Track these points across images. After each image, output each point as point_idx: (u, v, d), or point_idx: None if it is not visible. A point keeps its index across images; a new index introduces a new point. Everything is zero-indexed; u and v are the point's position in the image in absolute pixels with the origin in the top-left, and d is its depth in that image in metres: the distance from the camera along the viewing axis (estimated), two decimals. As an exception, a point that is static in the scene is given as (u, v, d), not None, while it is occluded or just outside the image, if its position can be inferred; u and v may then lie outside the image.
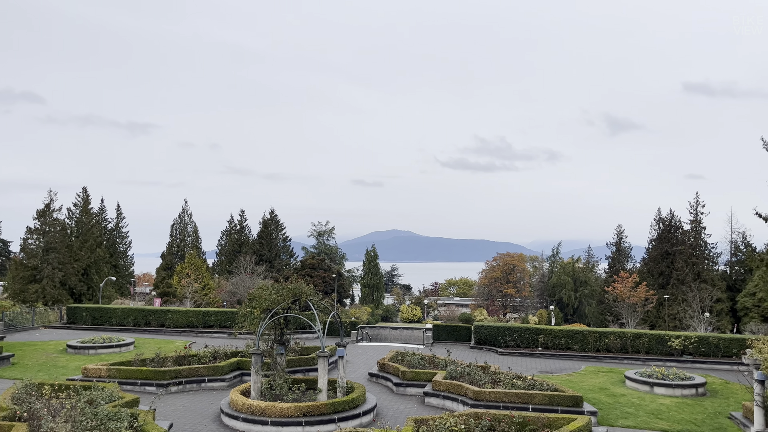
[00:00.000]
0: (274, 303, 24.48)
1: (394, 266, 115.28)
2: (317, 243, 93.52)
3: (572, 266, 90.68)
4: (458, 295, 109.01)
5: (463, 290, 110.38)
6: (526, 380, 26.09)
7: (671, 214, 75.39)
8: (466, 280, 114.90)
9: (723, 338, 39.23)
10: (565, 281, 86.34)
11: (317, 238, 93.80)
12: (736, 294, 66.81)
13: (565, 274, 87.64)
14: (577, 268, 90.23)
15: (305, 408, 21.49)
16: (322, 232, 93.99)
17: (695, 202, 72.34)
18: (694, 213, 72.18)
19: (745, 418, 23.48)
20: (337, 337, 45.12)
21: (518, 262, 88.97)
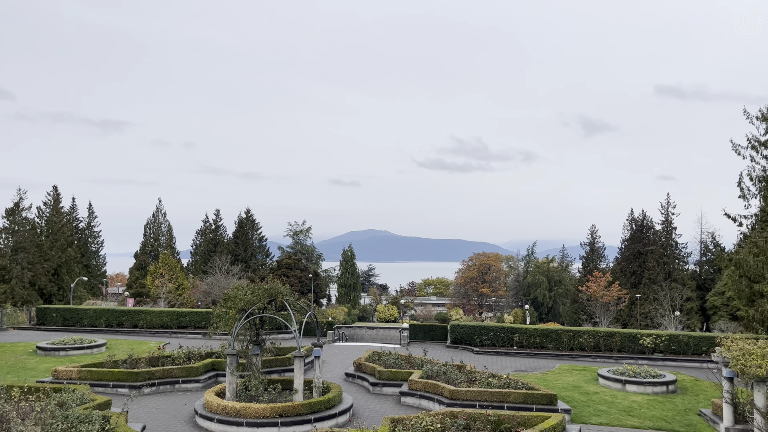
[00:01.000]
0: (249, 303, 24.30)
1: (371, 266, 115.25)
2: (294, 243, 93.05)
3: (547, 266, 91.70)
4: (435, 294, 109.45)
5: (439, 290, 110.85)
6: (501, 379, 26.32)
7: (643, 215, 76.77)
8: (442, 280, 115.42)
9: (693, 336, 40.02)
10: (540, 281, 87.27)
11: (294, 238, 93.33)
12: (705, 293, 68.25)
13: (540, 274, 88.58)
14: (552, 268, 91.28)
15: (281, 408, 21.37)
16: (298, 232, 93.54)
17: (666, 203, 73.74)
18: (665, 213, 73.56)
19: (715, 414, 23.99)
20: (313, 338, 45.00)
21: (494, 261, 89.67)
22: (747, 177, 42.19)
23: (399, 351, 36.66)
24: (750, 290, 39.91)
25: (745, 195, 42.24)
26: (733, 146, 42.46)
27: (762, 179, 41.76)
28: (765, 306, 37.09)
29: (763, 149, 41.52)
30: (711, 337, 39.34)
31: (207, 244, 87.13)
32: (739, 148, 42.28)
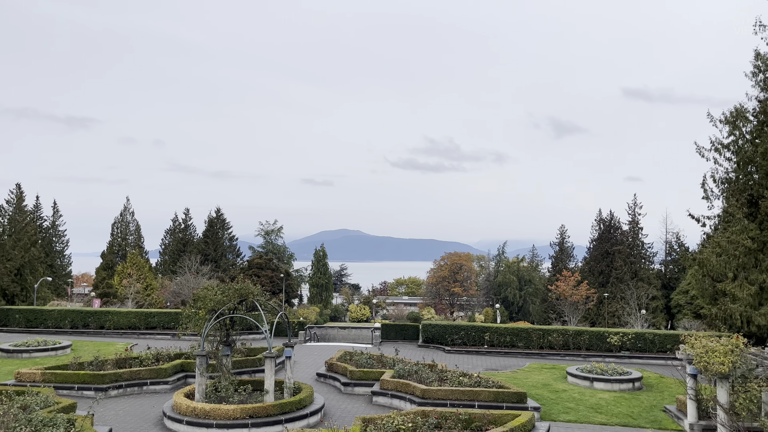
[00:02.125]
0: (219, 303, 24.03)
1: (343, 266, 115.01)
2: (265, 242, 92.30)
3: (517, 265, 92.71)
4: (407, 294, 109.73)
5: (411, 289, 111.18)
6: (472, 378, 26.53)
7: (611, 215, 78.20)
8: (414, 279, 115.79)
9: (658, 334, 40.92)
10: (511, 280, 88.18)
11: (265, 238, 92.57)
12: (670, 292, 69.86)
13: (511, 273, 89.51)
14: (522, 268, 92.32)
15: (251, 410, 21.18)
16: (269, 232, 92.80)
17: (633, 204, 75.24)
18: (632, 214, 75.05)
19: (679, 410, 24.57)
20: (284, 338, 44.71)
21: (465, 261, 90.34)
22: (710, 179, 43.28)
23: (371, 350, 36.66)
24: (713, 289, 40.97)
25: (709, 196, 43.32)
26: (698, 148, 43.51)
27: (725, 181, 42.89)
28: (727, 305, 38.10)
29: (725, 152, 42.63)
30: (675, 335, 40.26)
31: (176, 244, 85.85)
32: (703, 150, 43.34)
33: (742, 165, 41.58)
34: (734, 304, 37.54)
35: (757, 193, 39.63)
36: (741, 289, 37.25)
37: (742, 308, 36.96)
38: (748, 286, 37.02)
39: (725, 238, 39.52)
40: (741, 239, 37.95)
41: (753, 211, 39.79)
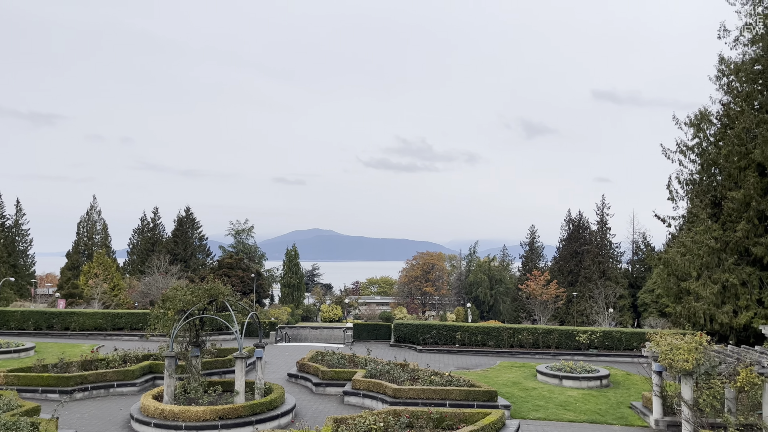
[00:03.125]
0: (189, 304, 23.70)
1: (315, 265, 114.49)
2: (235, 242, 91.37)
3: (488, 265, 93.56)
4: (379, 293, 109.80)
5: (383, 289, 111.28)
6: (443, 377, 26.67)
7: (580, 216, 79.50)
8: (386, 279, 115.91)
9: (625, 332, 41.71)
10: (482, 279, 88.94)
11: (236, 237, 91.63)
12: (637, 291, 71.32)
13: (482, 273, 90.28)
14: (493, 267, 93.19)
15: (221, 411, 20.94)
16: (240, 231, 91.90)
17: (602, 204, 76.62)
18: (600, 214, 76.42)
19: (645, 407, 25.08)
20: (255, 338, 44.32)
21: (437, 261, 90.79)
22: (676, 180, 44.31)
23: (343, 350, 36.56)
24: (678, 288, 41.95)
25: (674, 197, 44.36)
26: (664, 150, 44.51)
27: (689, 182, 43.95)
28: (691, 303, 39.03)
29: (690, 154, 43.69)
30: (642, 333, 41.08)
31: (144, 243, 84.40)
32: (668, 152, 44.34)
33: (706, 167, 42.66)
34: (698, 303, 38.48)
35: (720, 194, 40.69)
36: (704, 287, 38.19)
37: (706, 306, 37.91)
38: (712, 284, 37.97)
39: (689, 238, 40.48)
40: (705, 239, 38.91)
41: (716, 211, 40.86)
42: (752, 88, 39.84)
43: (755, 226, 37.15)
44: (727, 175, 39.68)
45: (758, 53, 39.35)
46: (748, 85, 39.99)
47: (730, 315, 37.00)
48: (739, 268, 37.80)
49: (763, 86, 39.73)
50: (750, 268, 37.71)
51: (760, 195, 36.54)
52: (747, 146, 37.74)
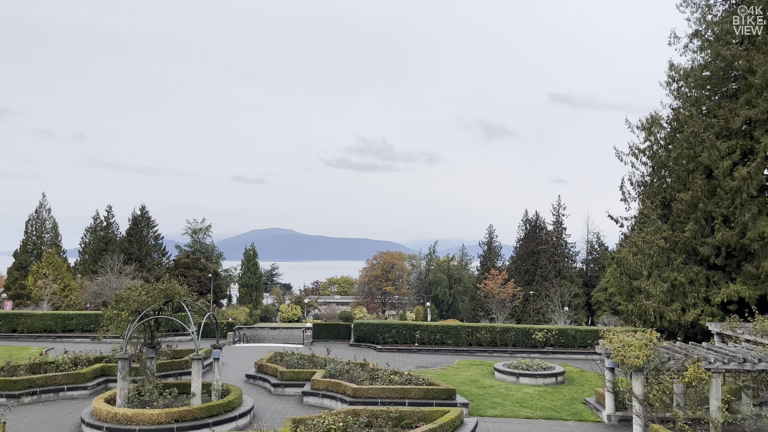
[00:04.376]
0: (143, 304, 23.14)
1: (274, 265, 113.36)
2: (192, 241, 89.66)
3: (447, 264, 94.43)
4: (339, 293, 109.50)
5: (344, 289, 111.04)
6: (403, 375, 26.79)
7: (537, 216, 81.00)
8: (347, 279, 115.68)
9: (579, 330, 42.72)
10: (441, 279, 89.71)
11: (192, 236, 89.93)
12: (591, 289, 73.12)
13: (441, 272, 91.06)
14: (452, 266, 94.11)
15: (177, 413, 20.52)
16: (197, 230, 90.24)
17: (558, 205, 78.26)
18: (556, 215, 78.05)
19: (598, 402, 25.74)
20: (212, 339, 43.63)
21: (397, 260, 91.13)
22: (628, 182, 45.64)
23: (302, 351, 36.34)
24: (629, 286, 43.21)
25: (626, 198, 45.68)
26: (617, 153, 45.77)
27: (641, 184, 45.33)
28: (642, 301, 40.26)
29: (642, 156, 45.07)
30: (595, 331, 42.13)
31: (97, 243, 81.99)
32: (621, 154, 45.63)
33: (657, 169, 44.08)
34: (648, 301, 39.72)
35: (670, 195, 42.10)
36: (654, 286, 39.45)
37: (656, 304, 39.16)
38: (661, 283, 39.25)
39: (641, 238, 41.74)
40: (655, 239, 40.20)
41: (666, 212, 42.26)
42: (700, 94, 41.35)
43: (702, 226, 38.57)
44: (677, 177, 41.09)
45: (706, 60, 40.86)
46: (697, 90, 41.49)
47: (679, 312, 38.32)
48: (687, 267, 39.18)
49: (711, 92, 41.27)
50: (697, 267, 39.13)
51: (706, 197, 37.95)
52: (695, 150, 39.14)
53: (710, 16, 41.41)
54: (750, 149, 37.70)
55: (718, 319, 35.66)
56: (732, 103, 38.56)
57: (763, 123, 36.91)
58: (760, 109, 35.86)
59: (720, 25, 39.31)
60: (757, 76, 35.90)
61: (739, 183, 35.69)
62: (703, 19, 41.46)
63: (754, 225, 34.99)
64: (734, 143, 37.75)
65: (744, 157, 38.08)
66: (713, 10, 41.68)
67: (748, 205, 35.64)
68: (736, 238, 36.11)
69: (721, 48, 38.49)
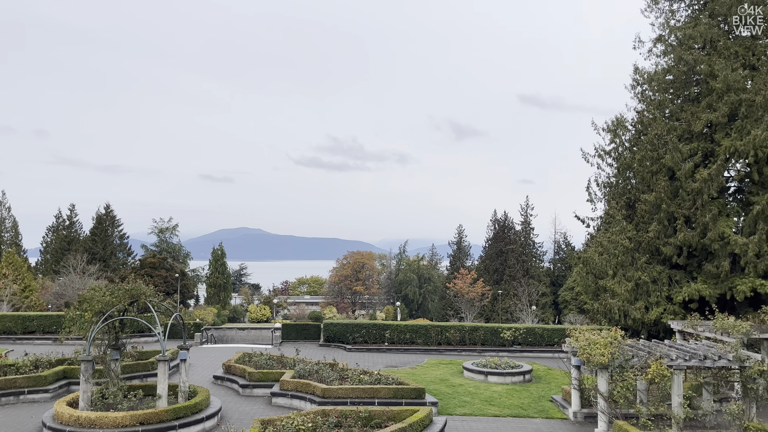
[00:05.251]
0: (108, 305, 22.64)
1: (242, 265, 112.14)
2: (159, 241, 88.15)
3: (417, 264, 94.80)
4: (309, 293, 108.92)
5: (313, 289, 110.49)
6: (372, 375, 26.79)
7: (505, 216, 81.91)
8: (316, 279, 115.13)
9: (547, 329, 43.34)
10: (411, 278, 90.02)
11: (159, 236, 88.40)
12: (558, 288, 74.27)
13: (411, 272, 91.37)
14: (422, 266, 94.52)
15: (142, 416, 20.14)
16: (164, 229, 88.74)
17: (526, 205, 79.26)
18: (524, 215, 79.03)
19: (564, 400, 26.14)
20: (179, 340, 43.03)
21: (367, 260, 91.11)
22: (594, 183, 46.50)
23: (271, 351, 36.05)
24: (595, 285, 44.00)
25: (593, 199, 46.53)
26: (583, 154, 46.58)
27: (607, 185, 46.21)
28: (607, 300, 41.03)
29: (607, 158, 45.95)
30: (562, 329, 42.81)
31: (60, 242, 79.98)
32: (588, 156, 46.45)
33: (622, 170, 44.99)
34: (613, 300, 40.51)
35: (635, 196, 43.01)
36: (619, 285, 40.25)
37: (620, 303, 39.96)
38: (626, 282, 40.08)
39: (606, 238, 42.54)
40: (620, 239, 41.01)
41: (630, 213, 43.16)
42: (664, 97, 42.34)
43: (665, 227, 39.51)
44: (641, 178, 41.99)
45: (669, 64, 41.87)
46: (660, 94, 42.48)
47: (642, 311, 39.17)
48: (651, 266, 40.08)
49: (674, 95, 42.31)
50: (660, 266, 40.08)
51: (669, 198, 38.89)
52: (659, 152, 40.07)
53: (673, 21, 42.46)
54: (711, 152, 38.77)
55: (680, 318, 36.56)
56: (694, 106, 39.58)
57: (723, 126, 38.00)
58: (720, 112, 36.90)
59: (683, 30, 40.33)
60: (718, 81, 36.93)
61: (700, 185, 36.66)
62: (666, 24, 42.48)
63: (714, 226, 35.98)
64: (696, 146, 38.76)
65: (705, 160, 39.14)
66: (676, 16, 42.74)
67: (708, 206, 36.64)
68: (697, 239, 37.08)
69: (684, 53, 39.48)
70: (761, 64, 37.42)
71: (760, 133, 34.65)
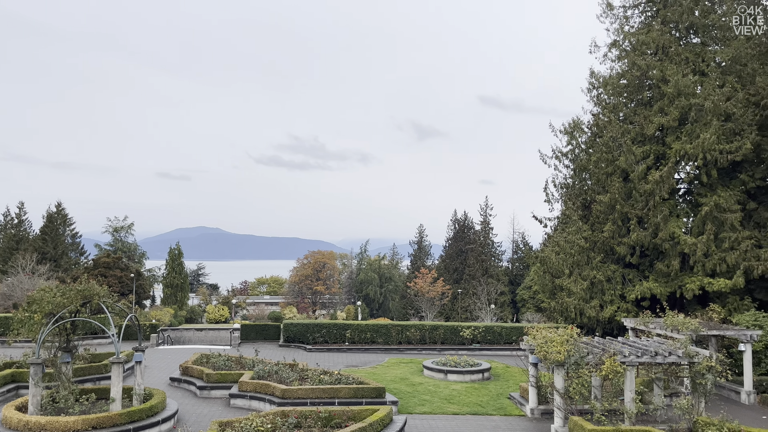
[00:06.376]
0: (59, 306, 21.92)
1: (200, 265, 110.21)
2: (113, 240, 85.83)
3: (378, 263, 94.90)
4: (268, 293, 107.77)
5: (273, 289, 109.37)
6: (333, 375, 26.69)
7: (465, 216, 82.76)
8: (276, 279, 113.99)
9: (505, 327, 43.98)
10: (372, 278, 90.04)
11: (113, 235, 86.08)
12: (516, 287, 75.46)
13: (372, 271, 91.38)
14: (383, 265, 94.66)
15: (95, 420, 19.56)
16: (119, 228, 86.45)
17: (485, 206, 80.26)
18: (484, 215, 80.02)
19: (522, 397, 26.58)
20: (135, 342, 42.10)
21: (328, 259, 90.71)
22: (551, 184, 47.45)
23: (230, 352, 35.55)
24: (552, 284, 44.89)
25: (550, 200, 47.47)
26: (541, 156, 47.47)
27: (563, 186, 47.21)
28: (564, 298, 41.91)
29: (564, 159, 46.97)
30: (520, 328, 43.52)
31: (8, 241, 77.03)
32: (545, 157, 47.36)
33: (578, 172, 46.05)
34: (570, 298, 41.41)
35: (590, 197, 44.06)
36: (575, 284, 41.17)
37: (576, 301, 40.88)
38: (581, 281, 41.02)
39: (563, 237, 43.45)
40: (576, 239, 41.95)
41: (586, 213, 44.20)
42: (618, 101, 43.53)
43: (619, 227, 40.61)
44: (596, 180, 43.06)
45: (624, 68, 43.05)
46: (615, 97, 43.65)
47: (597, 309, 40.17)
48: (605, 265, 41.14)
49: (628, 99, 43.53)
50: (614, 265, 41.17)
51: (623, 199, 39.98)
52: (613, 154, 41.16)
53: (627, 27, 43.68)
54: (662, 154, 40.04)
55: (633, 315, 37.65)
56: (647, 110, 40.80)
57: (674, 130, 39.29)
58: (671, 116, 38.14)
59: (636, 36, 41.53)
60: (670, 86, 38.17)
61: (652, 186, 37.81)
62: (621, 29, 43.67)
63: (665, 226, 37.17)
64: (648, 148, 39.97)
65: (657, 162, 40.39)
66: (630, 22, 43.98)
67: (660, 207, 37.82)
68: (649, 238, 38.23)
69: (637, 58, 40.66)
70: (710, 70, 38.87)
71: (709, 136, 35.96)
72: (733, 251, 35.56)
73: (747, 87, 38.27)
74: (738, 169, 38.48)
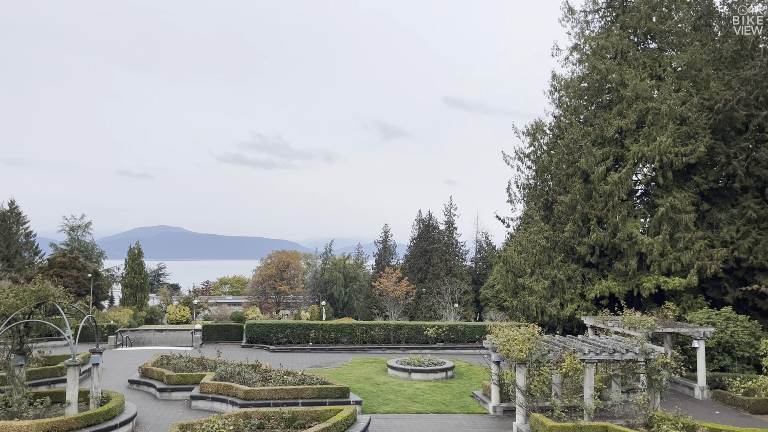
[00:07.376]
0: (11, 307, 21.20)
1: (161, 264, 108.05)
2: (70, 239, 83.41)
3: (343, 263, 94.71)
4: (231, 293, 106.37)
5: (236, 289, 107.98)
6: (296, 376, 26.52)
7: (430, 216, 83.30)
8: (239, 279, 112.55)
9: (468, 326, 44.41)
10: (337, 277, 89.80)
11: (70, 234, 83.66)
12: (479, 286, 76.32)
13: (337, 271, 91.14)
14: (348, 265, 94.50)
15: (49, 424, 18.99)
16: (75, 227, 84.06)
17: (449, 206, 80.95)
18: (448, 215, 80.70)
19: (485, 395, 26.89)
20: (92, 344, 40.99)
21: (293, 259, 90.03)
22: (514, 184, 48.13)
23: (191, 353, 34.97)
24: (515, 283, 45.55)
25: (513, 200, 48.13)
26: (504, 157, 48.08)
27: (526, 186, 47.93)
28: (526, 297, 42.57)
29: (527, 160, 47.67)
30: (483, 326, 44.00)
31: (-43, 240, 74.09)
32: (508, 158, 48.00)
33: (540, 173, 46.81)
34: (531, 297, 42.08)
35: (552, 198, 44.85)
36: (537, 283, 41.86)
37: (538, 300, 41.57)
38: (543, 280, 41.73)
39: (525, 237, 44.11)
40: (538, 239, 42.65)
41: (548, 214, 44.99)
42: (579, 103, 44.41)
43: (580, 227, 41.46)
44: (558, 181, 43.86)
45: (584, 72, 43.94)
46: (576, 100, 44.53)
47: (558, 307, 40.93)
48: (566, 265, 41.94)
49: (588, 102, 44.46)
50: (575, 265, 42.01)
51: (584, 199, 40.82)
52: (574, 155, 41.99)
53: (588, 32, 44.59)
54: (621, 156, 41.02)
55: (592, 314, 38.48)
56: (606, 113, 41.75)
57: (632, 132, 40.31)
58: (630, 119, 39.12)
59: (596, 40, 42.45)
60: (628, 89, 39.15)
61: (611, 187, 38.72)
62: (582, 33, 44.57)
63: (623, 226, 38.10)
64: (608, 150, 40.91)
65: (616, 164, 41.37)
66: (591, 26, 44.92)
67: (618, 207, 38.76)
68: (608, 238, 39.14)
69: (597, 62, 41.57)
70: (667, 74, 39.99)
71: (665, 139, 37.01)
72: (687, 251, 36.69)
73: (701, 92, 39.54)
74: (692, 172, 39.73)
